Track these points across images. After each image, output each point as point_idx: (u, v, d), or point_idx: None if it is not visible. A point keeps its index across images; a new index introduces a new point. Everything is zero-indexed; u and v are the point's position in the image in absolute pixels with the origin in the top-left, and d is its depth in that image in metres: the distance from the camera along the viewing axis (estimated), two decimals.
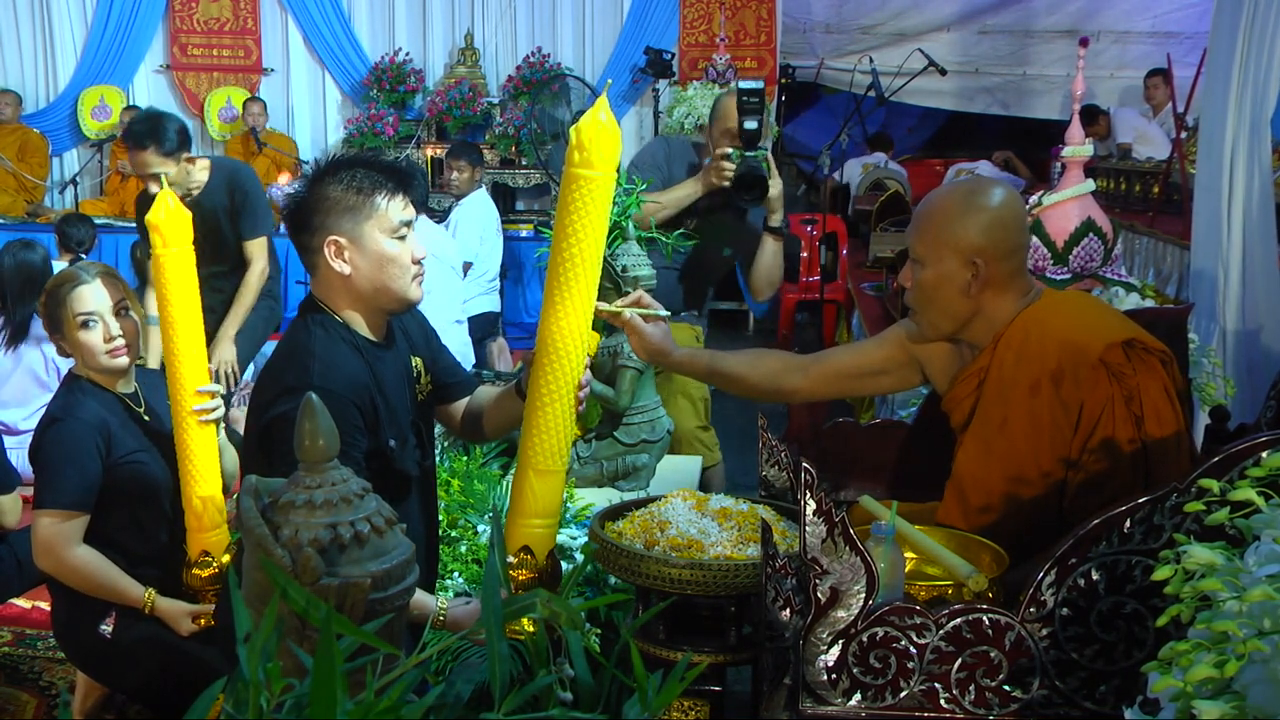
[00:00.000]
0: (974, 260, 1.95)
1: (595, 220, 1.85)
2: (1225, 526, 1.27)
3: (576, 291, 1.86)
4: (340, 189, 2.00)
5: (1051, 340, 1.93)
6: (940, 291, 2.00)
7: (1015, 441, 1.95)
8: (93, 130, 9.12)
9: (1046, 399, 1.91)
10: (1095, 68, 8.33)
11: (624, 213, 3.27)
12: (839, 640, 1.60)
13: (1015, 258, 1.99)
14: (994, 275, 1.96)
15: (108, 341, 2.46)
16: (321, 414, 1.22)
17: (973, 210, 1.97)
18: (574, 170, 1.83)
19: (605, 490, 3.00)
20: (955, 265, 1.97)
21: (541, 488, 1.93)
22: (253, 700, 0.97)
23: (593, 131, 1.82)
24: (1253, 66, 3.30)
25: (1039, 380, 1.92)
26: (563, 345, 1.89)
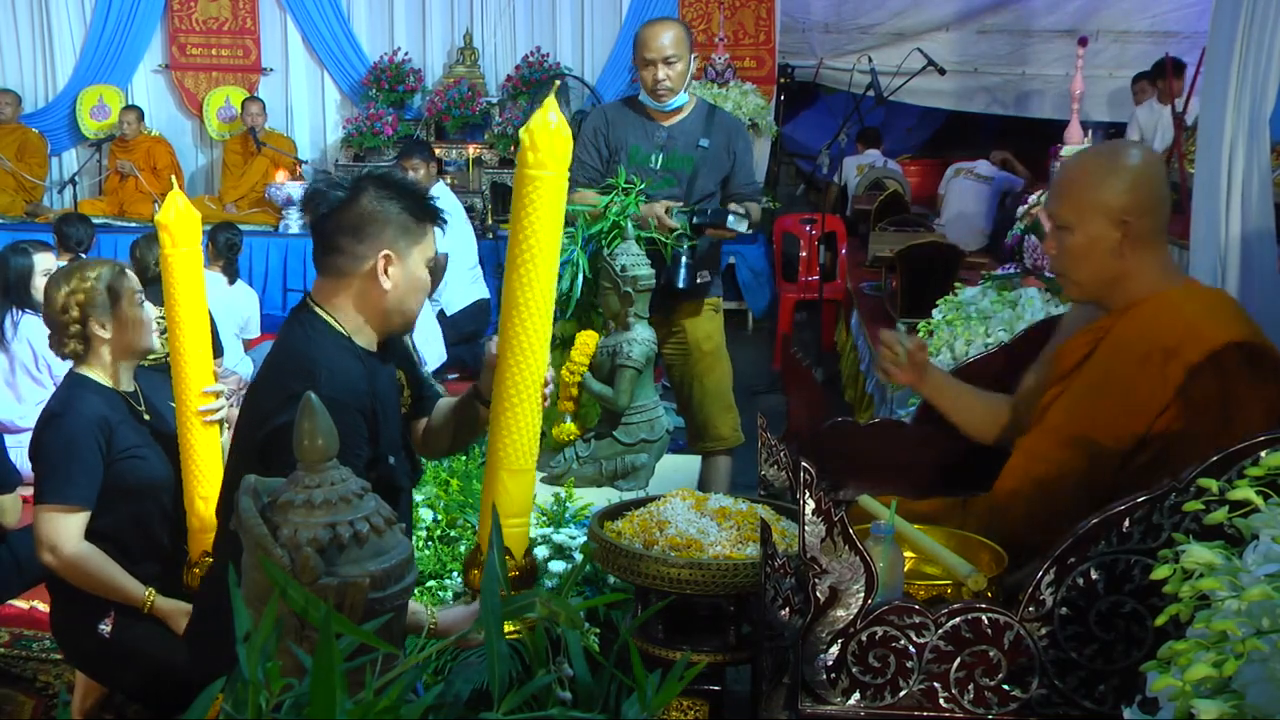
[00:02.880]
0: (1123, 219, 1.96)
1: (549, 219, 1.88)
2: (1224, 526, 1.27)
3: (535, 290, 1.90)
4: (400, 208, 2.03)
5: (1180, 319, 1.93)
6: (1091, 253, 1.99)
7: (1105, 405, 1.94)
8: (91, 130, 9.11)
9: (1151, 372, 1.91)
10: (1094, 67, 8.33)
11: (623, 212, 3.28)
12: (838, 639, 1.60)
13: (1160, 215, 2.00)
14: (1143, 231, 1.96)
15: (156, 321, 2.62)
16: (321, 414, 1.22)
17: (1117, 170, 1.98)
18: (527, 171, 1.87)
19: (604, 490, 3.00)
20: (1104, 225, 1.97)
21: (515, 487, 1.95)
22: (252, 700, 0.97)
23: (543, 133, 1.86)
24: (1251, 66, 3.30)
25: (1151, 352, 1.92)
26: (526, 344, 1.92)
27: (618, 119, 3.71)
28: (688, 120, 3.68)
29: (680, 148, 3.64)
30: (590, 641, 2.13)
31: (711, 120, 3.68)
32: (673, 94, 3.60)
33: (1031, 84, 9.36)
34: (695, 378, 3.70)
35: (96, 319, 2.53)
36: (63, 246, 5.39)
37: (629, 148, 3.64)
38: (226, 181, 8.79)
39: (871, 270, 6.33)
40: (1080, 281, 2.05)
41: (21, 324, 4.18)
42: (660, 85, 3.58)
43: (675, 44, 3.56)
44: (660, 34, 3.58)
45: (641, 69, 3.63)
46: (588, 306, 3.49)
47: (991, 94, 9.50)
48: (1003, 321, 3.63)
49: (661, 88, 3.58)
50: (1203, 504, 1.32)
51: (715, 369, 3.72)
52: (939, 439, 2.38)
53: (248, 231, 7.27)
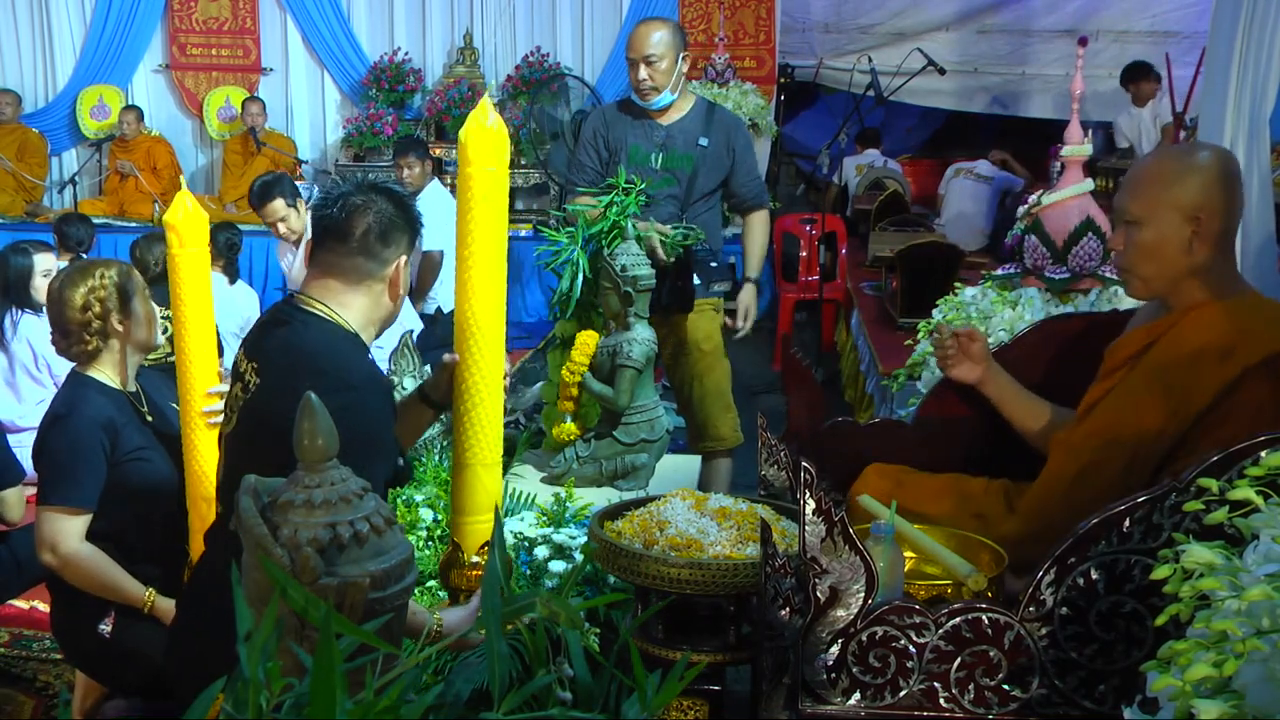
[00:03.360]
0: (1195, 216, 1.95)
1: (492, 216, 1.94)
2: (1224, 526, 1.27)
3: (485, 288, 1.95)
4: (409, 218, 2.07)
5: (1237, 324, 1.93)
6: (1160, 250, 1.99)
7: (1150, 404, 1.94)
8: (92, 130, 9.11)
9: (1203, 372, 1.90)
10: (1094, 67, 8.33)
11: (623, 212, 3.28)
12: (838, 639, 1.60)
13: (1231, 217, 2.00)
14: (1211, 233, 1.96)
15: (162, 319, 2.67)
16: (321, 414, 1.22)
17: (1192, 169, 1.99)
18: (466, 170, 1.94)
19: (604, 490, 3.00)
20: (1176, 222, 1.96)
21: (490, 480, 2.01)
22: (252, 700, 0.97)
23: (478, 133, 1.92)
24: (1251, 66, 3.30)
25: (1205, 353, 1.91)
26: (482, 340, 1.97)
27: (616, 120, 3.71)
28: (687, 119, 3.68)
29: (680, 147, 3.65)
30: (590, 641, 2.13)
31: (711, 119, 3.69)
32: (656, 93, 3.60)
33: (1031, 84, 9.37)
34: (695, 377, 3.70)
35: (116, 316, 2.54)
36: (63, 246, 5.40)
37: (629, 147, 3.64)
38: (226, 181, 8.79)
39: (872, 270, 6.33)
40: (1146, 278, 2.03)
41: (21, 324, 4.19)
42: (643, 85, 3.60)
43: (658, 43, 3.57)
44: (644, 34, 3.60)
45: (629, 68, 3.65)
46: (588, 306, 3.49)
47: (991, 94, 9.50)
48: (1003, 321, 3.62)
49: (644, 87, 3.60)
50: (1203, 504, 1.32)
51: (715, 369, 3.72)
52: (939, 439, 2.38)
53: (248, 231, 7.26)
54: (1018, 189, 7.49)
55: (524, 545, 2.47)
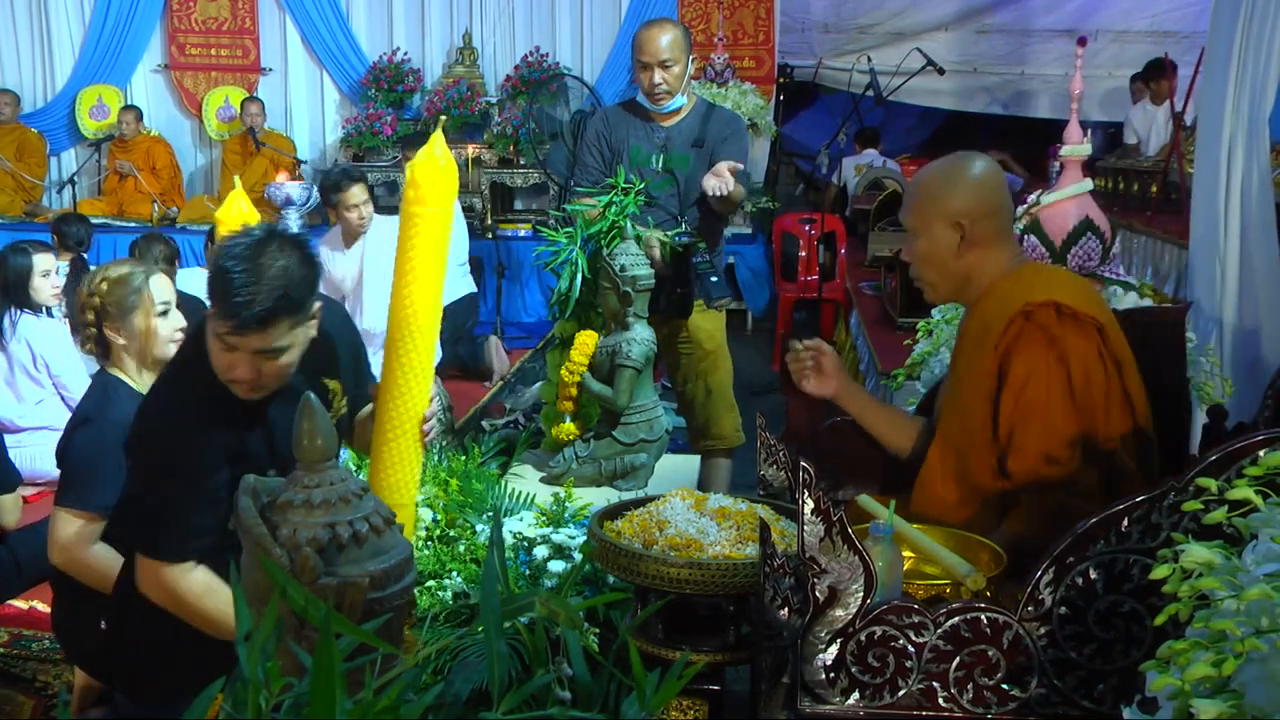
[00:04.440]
0: (959, 222, 2.09)
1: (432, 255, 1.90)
2: (1223, 525, 1.27)
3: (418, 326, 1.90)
4: None
5: (1000, 295, 2.06)
6: (933, 255, 2.14)
7: (962, 393, 2.07)
8: (91, 130, 9.11)
9: (984, 351, 2.02)
10: (1093, 67, 8.33)
11: (622, 212, 3.28)
12: (837, 639, 1.60)
13: (997, 218, 2.13)
14: (979, 235, 2.10)
15: (177, 331, 2.56)
16: (320, 414, 1.22)
17: (954, 178, 2.14)
18: (409, 208, 1.88)
19: (604, 490, 3.00)
20: (943, 230, 2.11)
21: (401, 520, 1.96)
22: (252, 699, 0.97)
23: (427, 169, 1.87)
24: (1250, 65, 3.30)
25: (982, 332, 2.04)
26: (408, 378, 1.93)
27: (618, 121, 3.71)
28: (686, 121, 3.68)
29: (678, 147, 3.65)
30: (590, 641, 2.12)
31: (709, 119, 3.68)
32: (670, 97, 3.60)
33: (1030, 84, 9.37)
34: (698, 376, 3.70)
35: (111, 324, 2.52)
36: (61, 246, 5.40)
37: (630, 149, 3.64)
38: (225, 182, 8.78)
39: (871, 270, 6.33)
40: (932, 283, 2.19)
41: (20, 324, 4.18)
42: (657, 89, 3.58)
43: (672, 47, 3.56)
44: (657, 37, 3.57)
45: (639, 71, 3.63)
46: (587, 306, 3.49)
47: (991, 94, 9.50)
48: None
49: (658, 91, 3.58)
50: (1202, 503, 1.32)
51: (718, 368, 3.72)
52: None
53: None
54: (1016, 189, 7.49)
55: (523, 545, 2.47)
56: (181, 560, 2.02)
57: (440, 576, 2.42)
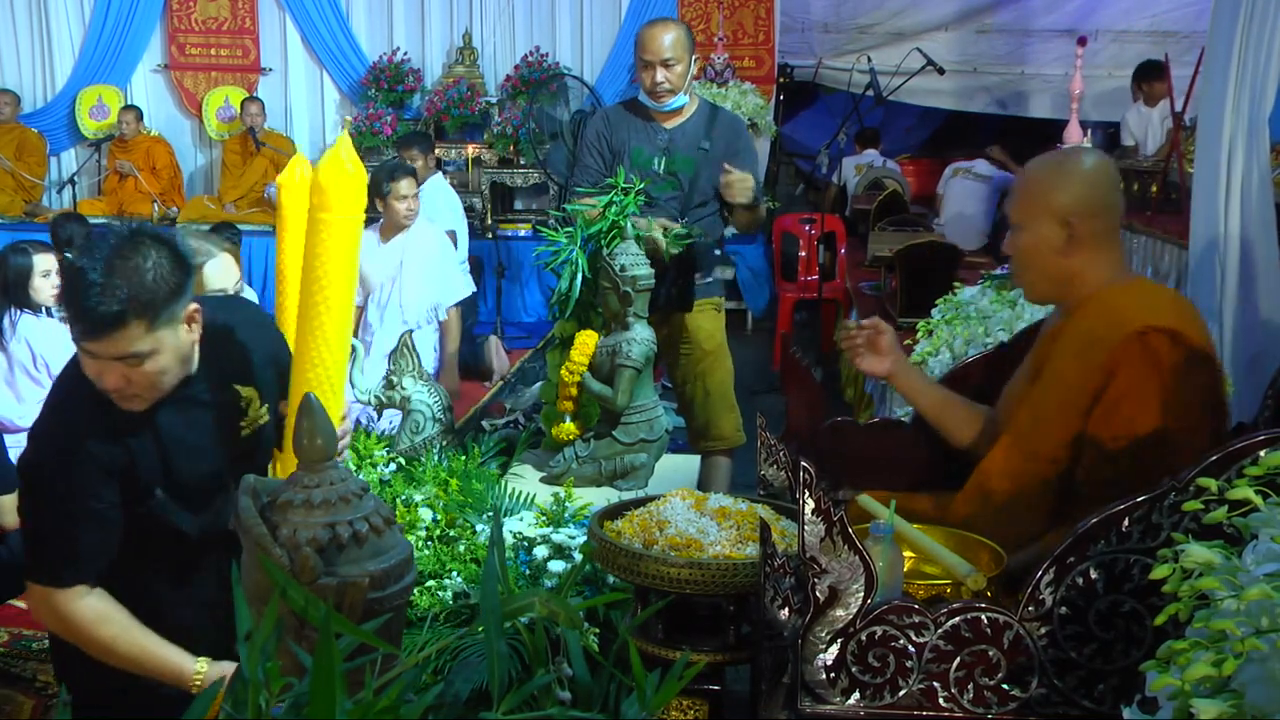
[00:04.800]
0: (1067, 220, 2.02)
1: (341, 264, 1.82)
2: (1223, 525, 1.27)
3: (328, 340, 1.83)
4: None
5: (1108, 308, 1.99)
6: (1037, 252, 2.07)
7: (1052, 403, 2.00)
8: (90, 130, 9.11)
9: (1086, 364, 1.95)
10: (1093, 67, 8.32)
11: (622, 212, 3.28)
12: (838, 639, 1.60)
13: (1107, 218, 2.06)
14: (1086, 234, 2.03)
15: None
16: (320, 414, 1.22)
17: (1065, 174, 2.06)
18: (315, 215, 1.81)
19: (604, 489, 3.00)
20: (1050, 227, 2.04)
21: None
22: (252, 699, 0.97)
23: (331, 174, 1.79)
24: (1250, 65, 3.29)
25: (1084, 344, 1.98)
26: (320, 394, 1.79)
27: (619, 122, 3.71)
28: (690, 122, 3.68)
29: (682, 150, 3.65)
30: (590, 641, 2.12)
31: (714, 122, 3.68)
32: (672, 95, 3.60)
33: (1030, 83, 9.36)
34: (698, 376, 3.70)
35: None
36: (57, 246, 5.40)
37: (631, 150, 3.64)
38: (226, 181, 8.79)
39: (871, 270, 6.33)
40: (1031, 282, 2.14)
41: (20, 324, 4.18)
42: (659, 87, 3.59)
43: (674, 46, 3.56)
44: (659, 35, 3.58)
45: (641, 70, 3.63)
46: (587, 306, 3.49)
47: (991, 94, 9.49)
48: (1002, 321, 3.62)
49: (660, 89, 3.59)
50: (1202, 503, 1.32)
51: (718, 368, 3.72)
52: (938, 439, 2.38)
53: (247, 231, 7.28)
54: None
55: (523, 545, 2.47)
56: (69, 585, 1.92)
57: (440, 576, 2.42)
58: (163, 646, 1.96)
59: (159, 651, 1.95)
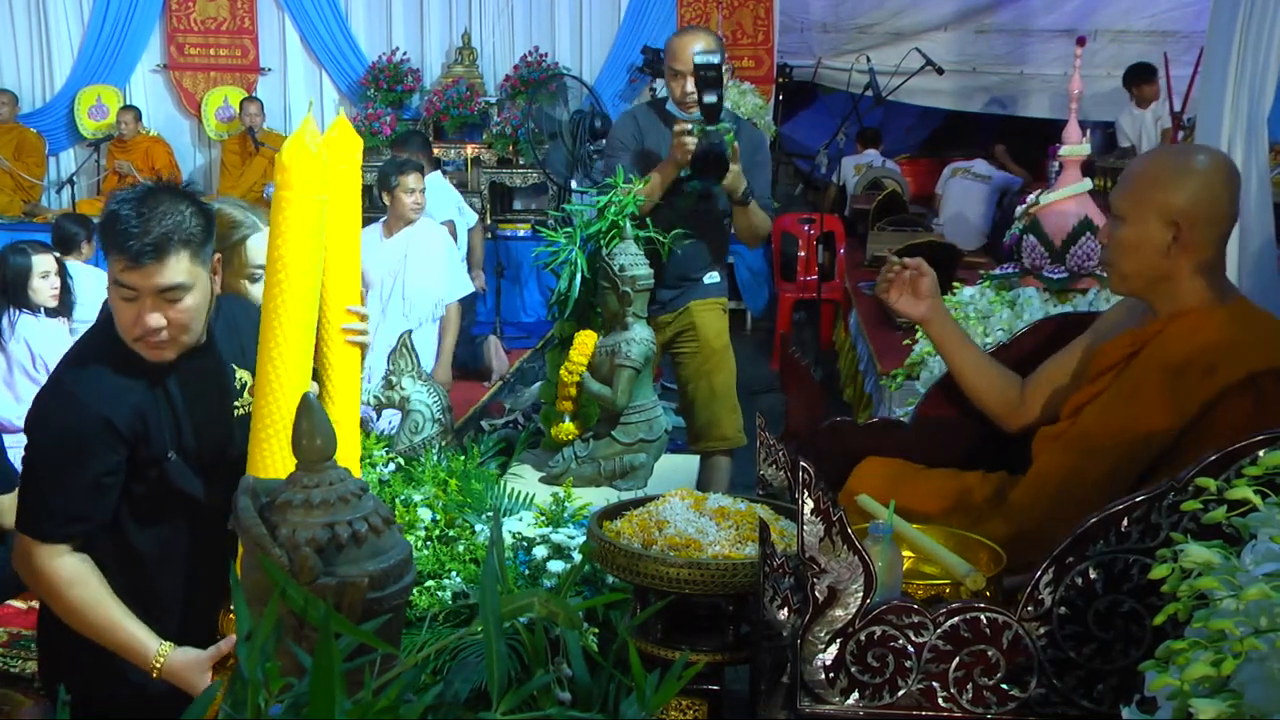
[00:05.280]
0: (1176, 221, 1.93)
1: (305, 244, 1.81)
2: (1222, 525, 1.27)
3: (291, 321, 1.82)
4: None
5: (1222, 333, 1.91)
6: (1139, 249, 1.98)
7: (1137, 412, 1.93)
8: (89, 130, 9.10)
9: (1186, 385, 1.89)
10: (1092, 67, 8.32)
11: (621, 211, 3.27)
12: (837, 639, 1.60)
13: (1218, 227, 1.97)
14: (1193, 241, 1.94)
15: None
16: (319, 413, 1.22)
17: (1183, 173, 1.96)
18: (278, 193, 1.81)
19: (603, 489, 3.00)
20: (1157, 225, 1.95)
21: None
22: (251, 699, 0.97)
23: (295, 152, 1.79)
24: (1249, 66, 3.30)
25: (1190, 365, 1.89)
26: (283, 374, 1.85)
27: (649, 126, 3.66)
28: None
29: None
30: (589, 641, 2.12)
31: (738, 134, 3.65)
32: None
33: (1030, 83, 9.37)
34: (704, 375, 3.70)
35: None
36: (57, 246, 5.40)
37: (660, 155, 3.61)
38: (225, 181, 8.79)
39: (870, 270, 6.33)
40: (1125, 274, 2.03)
41: (19, 324, 4.19)
42: (689, 97, 3.50)
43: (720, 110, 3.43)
44: (691, 45, 3.48)
45: (671, 79, 3.56)
46: (586, 306, 3.49)
47: (990, 94, 9.50)
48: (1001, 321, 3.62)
49: (690, 99, 3.50)
50: (1201, 503, 1.32)
51: (723, 367, 3.72)
52: (937, 438, 2.38)
53: None
54: (1016, 188, 7.50)
55: (522, 545, 2.47)
56: (50, 541, 1.95)
57: (439, 576, 2.42)
58: (130, 622, 1.96)
59: (125, 625, 1.95)
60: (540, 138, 8.24)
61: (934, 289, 2.28)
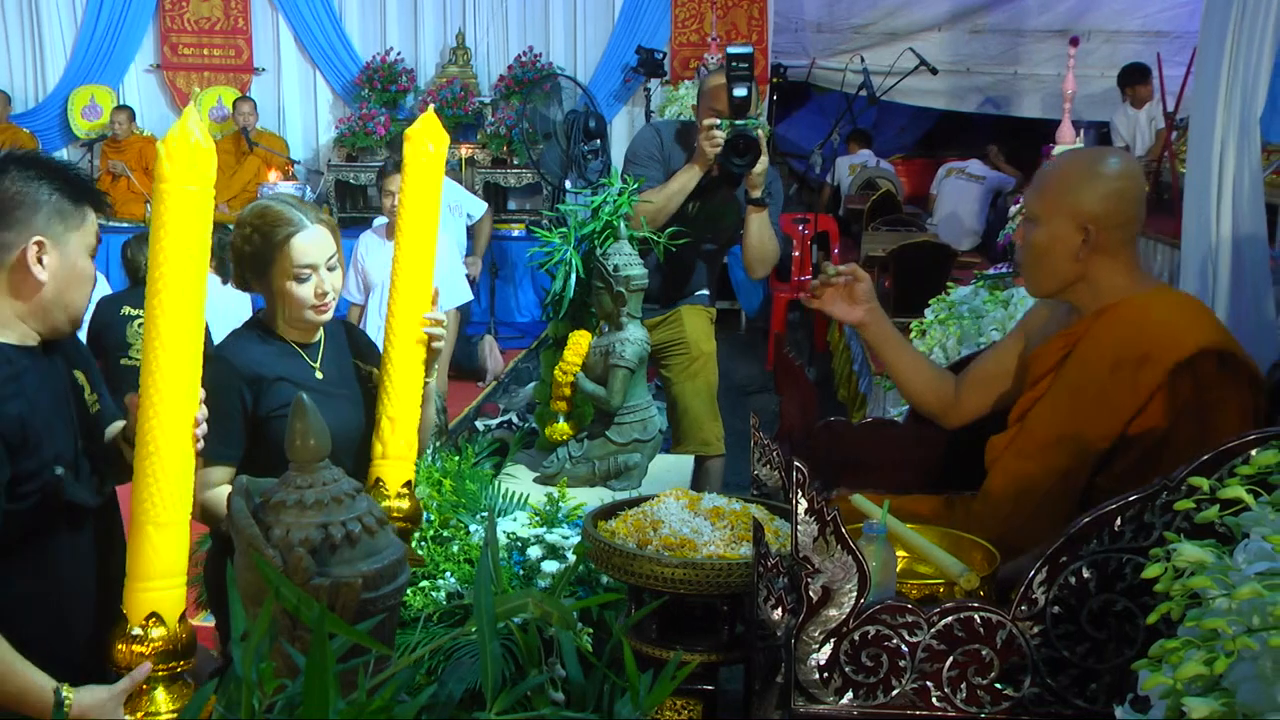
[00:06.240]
0: (1086, 225, 1.97)
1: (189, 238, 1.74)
2: (1215, 524, 1.27)
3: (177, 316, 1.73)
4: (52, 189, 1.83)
5: (1150, 324, 1.95)
6: (1050, 252, 2.02)
7: (1080, 411, 1.97)
8: (83, 130, 9.09)
9: (1124, 378, 1.92)
10: (1085, 67, 8.35)
11: (615, 212, 3.27)
12: (831, 639, 1.60)
13: (1127, 229, 2.01)
14: (1104, 243, 1.98)
15: (319, 298, 2.23)
16: (313, 414, 1.22)
17: (1092, 176, 2.00)
18: (161, 186, 1.74)
19: (598, 490, 3.00)
20: (1068, 228, 1.99)
21: (163, 542, 1.72)
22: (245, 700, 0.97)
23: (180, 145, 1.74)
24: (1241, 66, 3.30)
25: (1123, 359, 1.93)
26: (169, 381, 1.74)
27: (674, 148, 3.62)
28: None
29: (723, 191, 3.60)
30: (583, 642, 2.12)
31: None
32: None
33: (1023, 84, 9.39)
34: (689, 377, 3.71)
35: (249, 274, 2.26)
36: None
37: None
38: (218, 181, 8.75)
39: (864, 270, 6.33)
40: (1035, 277, 2.09)
41: None
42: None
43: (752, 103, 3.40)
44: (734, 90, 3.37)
45: (704, 115, 3.47)
46: (581, 306, 3.49)
47: (983, 94, 9.52)
48: (995, 321, 3.63)
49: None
50: (1194, 503, 1.33)
51: (707, 371, 3.73)
52: (931, 438, 2.39)
53: None
54: (1009, 188, 7.52)
55: (517, 545, 2.47)
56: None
57: (434, 577, 2.42)
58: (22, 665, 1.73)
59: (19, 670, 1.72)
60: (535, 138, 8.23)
61: (869, 294, 2.32)
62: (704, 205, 3.57)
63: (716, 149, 3.35)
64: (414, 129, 2.31)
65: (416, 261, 2.25)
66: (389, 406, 2.21)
